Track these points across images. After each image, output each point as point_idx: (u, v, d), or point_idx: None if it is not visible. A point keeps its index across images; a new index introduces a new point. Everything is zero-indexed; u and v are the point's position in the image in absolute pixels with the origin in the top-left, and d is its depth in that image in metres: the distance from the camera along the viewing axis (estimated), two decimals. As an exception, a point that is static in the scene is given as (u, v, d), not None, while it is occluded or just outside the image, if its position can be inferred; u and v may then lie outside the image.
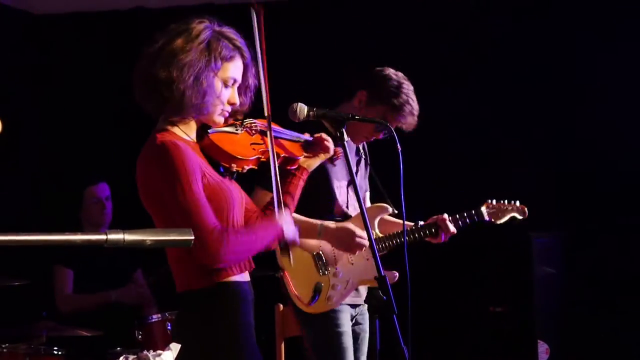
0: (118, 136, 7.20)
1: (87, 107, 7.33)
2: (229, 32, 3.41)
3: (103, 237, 1.99)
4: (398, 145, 3.67)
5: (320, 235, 4.46)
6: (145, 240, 2.01)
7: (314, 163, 3.63)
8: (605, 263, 6.54)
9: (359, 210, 4.81)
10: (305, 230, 4.21)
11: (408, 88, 4.75)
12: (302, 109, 3.61)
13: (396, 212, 4.75)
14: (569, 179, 6.64)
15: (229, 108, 3.39)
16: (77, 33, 7.41)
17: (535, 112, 6.72)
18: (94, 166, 7.06)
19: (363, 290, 4.80)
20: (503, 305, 6.51)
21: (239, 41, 3.41)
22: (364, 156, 4.91)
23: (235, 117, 3.45)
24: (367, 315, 4.81)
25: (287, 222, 3.37)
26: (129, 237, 2.00)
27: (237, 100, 3.39)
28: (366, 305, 4.80)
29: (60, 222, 6.69)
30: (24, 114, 7.29)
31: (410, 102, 4.72)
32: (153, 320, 5.68)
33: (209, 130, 3.37)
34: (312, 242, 4.53)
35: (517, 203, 5.25)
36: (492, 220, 5.17)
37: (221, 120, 3.39)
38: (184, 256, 3.27)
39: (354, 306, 4.73)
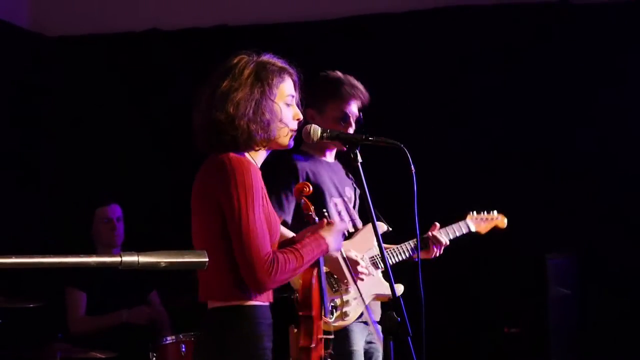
0: (132, 158, 7.21)
1: (101, 129, 7.34)
2: (269, 57, 3.50)
3: (117, 259, 1.99)
4: (412, 167, 3.66)
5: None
6: (159, 262, 2.01)
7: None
8: (619, 284, 6.51)
9: (356, 227, 4.83)
10: None
11: (347, 78, 4.83)
12: (315, 130, 3.64)
13: (390, 229, 4.77)
14: (583, 200, 6.61)
15: (295, 125, 3.49)
16: (91, 55, 7.43)
17: (551, 135, 6.70)
18: (107, 187, 7.06)
19: (376, 307, 4.80)
20: (518, 326, 6.47)
21: (280, 61, 3.51)
22: (352, 179, 4.93)
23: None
24: (380, 335, 4.80)
25: (334, 235, 3.46)
26: (143, 259, 2.00)
27: (301, 116, 3.51)
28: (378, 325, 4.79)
29: (74, 244, 6.68)
30: (37, 136, 7.31)
31: (357, 85, 4.81)
32: (167, 342, 5.67)
33: None
34: None
35: (495, 213, 5.31)
36: (478, 231, 5.23)
37: (290, 141, 3.49)
38: (223, 269, 3.31)
39: (367, 323, 4.73)
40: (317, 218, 3.75)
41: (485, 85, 6.79)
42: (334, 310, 4.56)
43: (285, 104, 3.44)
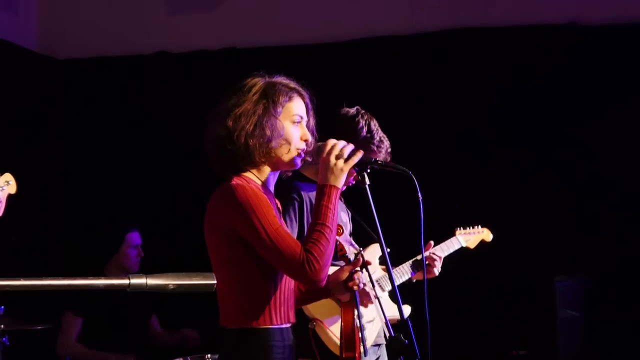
0: (143, 180, 7.23)
1: (110, 151, 7.36)
2: (281, 78, 3.49)
3: (126, 281, 2.00)
4: (419, 194, 3.65)
5: None
6: (167, 285, 2.02)
7: None
8: (628, 306, 6.50)
9: (355, 252, 4.81)
10: None
11: (375, 126, 4.69)
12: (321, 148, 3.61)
13: (388, 250, 4.75)
14: (591, 223, 6.61)
15: (302, 145, 3.44)
16: (101, 78, 7.46)
17: (559, 156, 6.70)
18: (119, 210, 7.07)
19: (381, 330, 4.78)
20: (526, 349, 6.45)
21: (292, 83, 3.49)
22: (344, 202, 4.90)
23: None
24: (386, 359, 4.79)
25: (332, 174, 3.40)
26: (152, 281, 2.01)
27: (309, 137, 3.46)
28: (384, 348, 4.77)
29: (81, 267, 6.68)
30: (48, 158, 7.33)
31: (384, 140, 4.69)
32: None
33: None
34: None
35: (480, 227, 5.33)
36: (467, 246, 5.23)
37: (296, 161, 3.45)
38: (235, 292, 3.31)
39: (376, 345, 4.71)
40: (351, 258, 3.75)
41: (491, 103, 6.80)
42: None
43: (291, 122, 3.41)
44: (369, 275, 3.91)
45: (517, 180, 6.71)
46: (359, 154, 3.43)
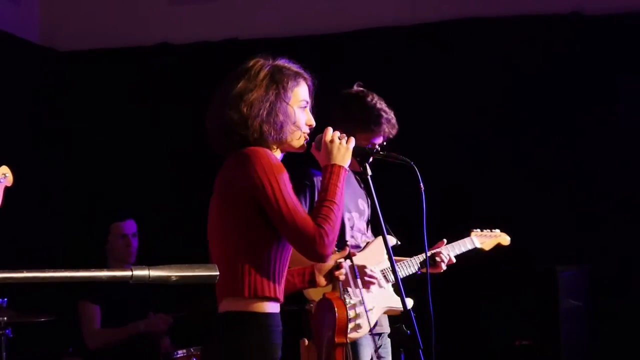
0: (145, 172, 7.23)
1: (113, 143, 7.36)
2: (285, 61, 3.50)
3: (128, 273, 1.99)
4: (421, 184, 3.65)
5: None
6: (170, 276, 2.02)
7: None
8: (630, 295, 6.50)
9: (367, 241, 4.82)
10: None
11: (382, 104, 4.75)
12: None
13: (399, 243, 4.75)
14: (593, 212, 6.60)
15: (307, 130, 3.48)
16: (103, 70, 7.46)
17: (562, 149, 6.69)
18: (120, 201, 7.08)
19: (384, 321, 4.78)
20: (529, 338, 6.46)
21: (295, 66, 3.51)
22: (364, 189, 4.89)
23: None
24: (389, 349, 4.79)
25: (339, 154, 3.44)
26: (154, 273, 2.01)
27: (313, 122, 3.50)
28: (388, 338, 4.77)
29: (87, 258, 6.69)
30: (49, 150, 7.33)
31: (390, 119, 4.73)
32: (178, 356, 5.67)
33: None
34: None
35: (498, 231, 5.33)
36: (482, 247, 5.23)
37: (302, 145, 3.47)
38: (242, 270, 3.30)
39: (377, 334, 4.71)
40: (336, 249, 3.77)
41: (493, 93, 6.80)
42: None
43: (299, 108, 3.43)
44: (353, 265, 3.97)
45: (520, 170, 6.71)
46: (353, 139, 3.49)
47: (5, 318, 5.22)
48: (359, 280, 4.31)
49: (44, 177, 7.18)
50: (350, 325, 4.51)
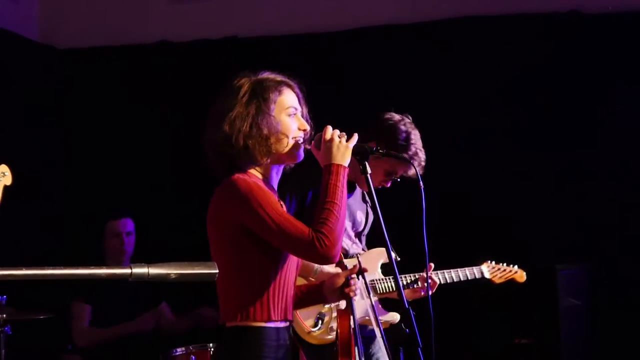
0: (143, 170, 7.22)
1: (112, 141, 7.35)
2: (266, 73, 3.48)
3: (127, 270, 1.99)
4: (421, 183, 3.64)
5: (315, 274, 4.44)
6: (169, 274, 2.01)
7: None
8: (630, 294, 6.50)
9: (361, 251, 4.78)
10: (303, 268, 4.14)
11: (416, 137, 4.73)
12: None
13: (399, 259, 4.72)
14: (593, 211, 6.60)
15: (301, 134, 3.44)
16: (101, 67, 7.45)
17: (561, 146, 6.69)
18: (119, 200, 7.07)
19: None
20: (529, 337, 6.45)
21: (279, 76, 3.48)
22: (369, 203, 4.86)
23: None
24: (384, 351, 4.76)
25: (338, 153, 3.41)
26: (153, 270, 2.00)
27: (307, 126, 3.46)
28: (380, 341, 4.74)
29: (85, 257, 6.69)
30: (49, 148, 7.32)
31: (419, 153, 4.70)
32: (177, 353, 5.66)
33: None
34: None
35: (516, 267, 5.29)
36: (492, 279, 5.20)
37: (298, 153, 3.44)
38: (234, 288, 3.33)
39: (374, 337, 4.68)
40: (347, 265, 3.74)
41: (493, 92, 6.79)
42: (320, 322, 4.54)
43: (287, 116, 3.40)
44: (365, 282, 3.90)
45: (519, 169, 6.71)
46: (356, 136, 3.45)
47: (4, 315, 5.22)
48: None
49: (44, 172, 7.17)
50: (322, 327, 4.51)
